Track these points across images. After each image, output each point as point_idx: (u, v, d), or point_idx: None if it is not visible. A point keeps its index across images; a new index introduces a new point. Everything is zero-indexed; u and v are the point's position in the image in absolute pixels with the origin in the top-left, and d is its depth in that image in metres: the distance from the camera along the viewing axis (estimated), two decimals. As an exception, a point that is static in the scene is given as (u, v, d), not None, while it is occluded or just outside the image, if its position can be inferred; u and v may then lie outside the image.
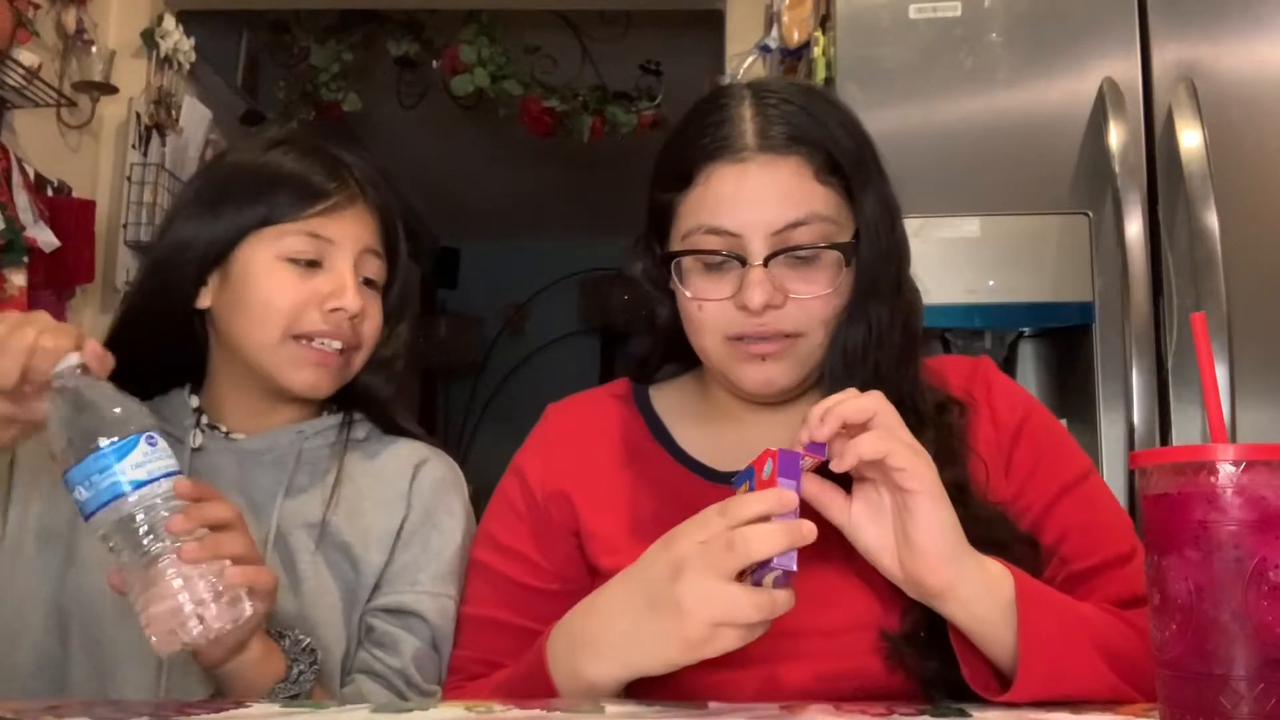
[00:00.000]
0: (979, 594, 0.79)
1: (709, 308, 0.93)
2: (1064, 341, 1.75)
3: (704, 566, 0.73)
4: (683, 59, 3.43)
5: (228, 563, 0.82)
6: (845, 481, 0.83)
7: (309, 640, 0.95)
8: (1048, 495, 0.94)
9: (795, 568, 0.73)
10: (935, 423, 0.92)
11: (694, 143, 0.94)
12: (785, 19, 2.38)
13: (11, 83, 2.32)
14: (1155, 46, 1.72)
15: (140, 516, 0.80)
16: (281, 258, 1.04)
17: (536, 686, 0.84)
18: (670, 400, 1.06)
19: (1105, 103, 1.67)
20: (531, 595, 0.98)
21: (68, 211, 2.49)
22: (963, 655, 0.81)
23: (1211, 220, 1.58)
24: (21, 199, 2.30)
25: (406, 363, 1.16)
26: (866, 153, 0.95)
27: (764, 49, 2.52)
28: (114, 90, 2.68)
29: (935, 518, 0.79)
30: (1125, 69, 1.71)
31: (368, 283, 1.09)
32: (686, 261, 0.94)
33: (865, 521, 0.81)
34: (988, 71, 1.74)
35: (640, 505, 0.98)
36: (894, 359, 0.93)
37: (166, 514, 0.81)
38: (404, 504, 1.08)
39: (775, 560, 0.72)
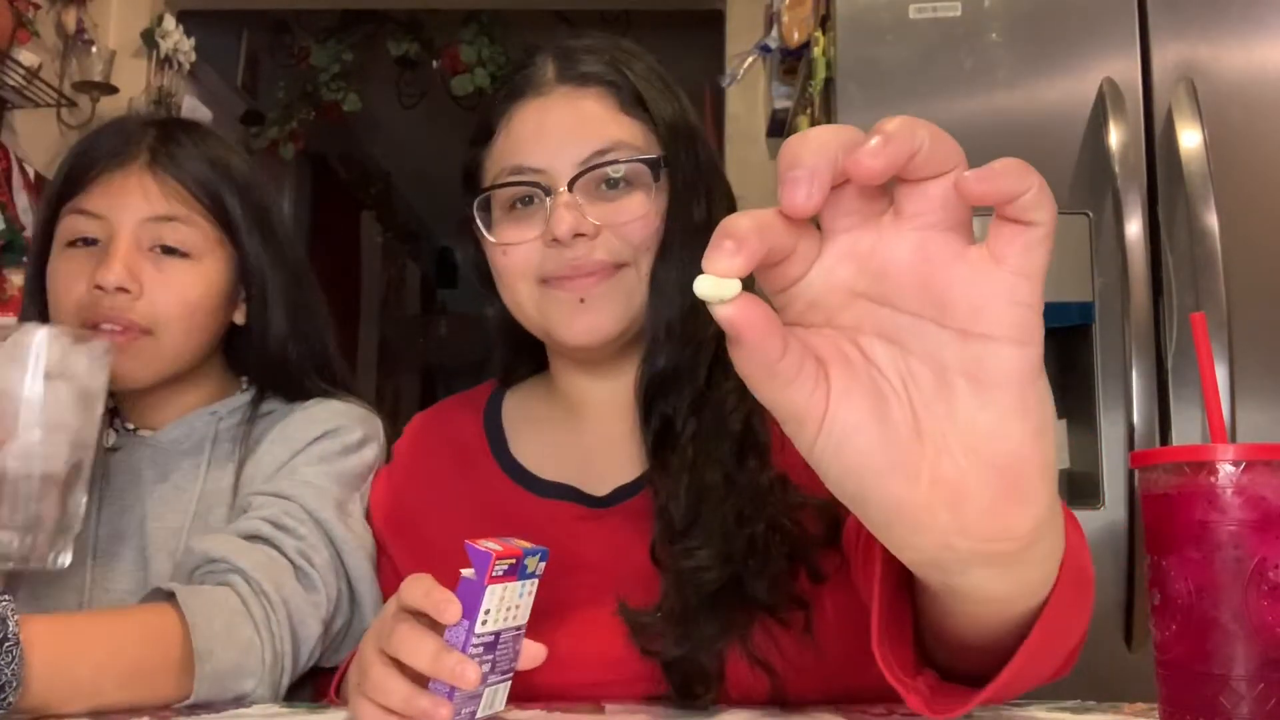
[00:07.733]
0: (1052, 552, 0.50)
1: (516, 251, 0.86)
2: (1064, 341, 1.75)
3: (375, 635, 0.67)
4: (683, 59, 3.42)
5: None
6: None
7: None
8: None
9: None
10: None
11: (497, 94, 0.91)
12: (785, 19, 2.39)
13: (11, 83, 2.32)
14: (1155, 46, 1.71)
15: None
16: (63, 243, 0.99)
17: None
18: (518, 403, 1.02)
19: (1105, 103, 1.67)
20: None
21: (68, 211, 2.49)
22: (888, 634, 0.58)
23: (1211, 220, 1.58)
24: (21, 199, 2.31)
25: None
26: (671, 89, 0.91)
27: (764, 49, 2.52)
28: (114, 90, 2.68)
29: (1035, 392, 0.43)
30: (1125, 69, 1.71)
31: (167, 250, 0.99)
32: (493, 210, 0.88)
33: (856, 413, 0.43)
34: (988, 71, 1.74)
35: (465, 524, 0.88)
36: None
37: None
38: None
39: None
